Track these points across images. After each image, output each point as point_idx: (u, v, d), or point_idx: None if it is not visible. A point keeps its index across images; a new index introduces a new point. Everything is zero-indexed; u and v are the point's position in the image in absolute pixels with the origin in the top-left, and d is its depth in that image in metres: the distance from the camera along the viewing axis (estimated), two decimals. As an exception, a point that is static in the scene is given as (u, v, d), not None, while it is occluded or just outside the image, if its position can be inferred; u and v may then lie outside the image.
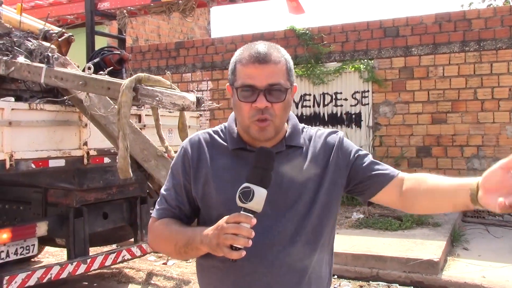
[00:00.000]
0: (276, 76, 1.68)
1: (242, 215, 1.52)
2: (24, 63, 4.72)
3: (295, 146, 1.81)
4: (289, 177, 1.75)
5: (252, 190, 1.52)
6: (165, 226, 1.81)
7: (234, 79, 1.74)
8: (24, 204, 5.34)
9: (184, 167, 1.83)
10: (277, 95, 1.68)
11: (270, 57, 1.68)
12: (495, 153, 8.97)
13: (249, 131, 1.72)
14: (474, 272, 5.97)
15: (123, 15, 7.94)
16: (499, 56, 8.91)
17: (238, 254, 1.51)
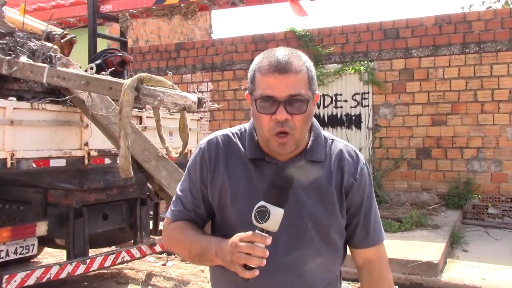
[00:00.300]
0: (297, 87, 1.60)
1: (257, 235, 1.49)
2: (26, 63, 4.72)
3: (315, 161, 1.75)
4: (305, 195, 1.71)
5: (269, 210, 1.48)
6: (180, 230, 1.78)
7: (253, 88, 1.67)
8: (24, 204, 5.34)
9: (201, 170, 1.78)
10: (298, 107, 1.60)
11: (290, 66, 1.60)
12: (495, 155, 8.98)
13: (268, 145, 1.66)
14: (473, 274, 5.97)
15: (125, 18, 7.95)
16: (499, 58, 8.92)
17: (251, 273, 1.49)
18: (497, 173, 8.98)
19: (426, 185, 9.55)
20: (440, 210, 8.94)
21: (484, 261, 6.50)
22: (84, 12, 8.46)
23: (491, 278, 5.81)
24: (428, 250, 6.38)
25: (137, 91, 3.84)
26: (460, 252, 6.98)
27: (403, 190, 9.69)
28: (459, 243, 7.40)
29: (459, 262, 6.48)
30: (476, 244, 7.46)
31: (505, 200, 8.92)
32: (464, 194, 9.06)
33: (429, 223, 7.81)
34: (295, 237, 1.69)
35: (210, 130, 11.41)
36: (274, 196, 1.50)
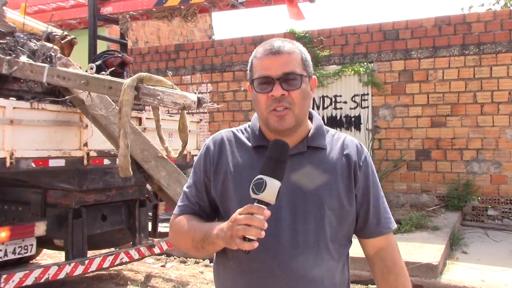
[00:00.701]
0: (291, 65, 1.69)
1: (255, 206, 1.51)
2: (26, 63, 4.71)
3: (317, 147, 1.79)
4: (310, 179, 1.73)
5: (265, 181, 1.51)
6: (184, 222, 1.82)
7: (251, 74, 1.76)
8: (23, 204, 5.32)
9: (205, 164, 1.85)
10: (293, 83, 1.68)
11: (284, 48, 1.70)
12: (495, 156, 8.98)
13: (268, 123, 1.72)
14: (473, 276, 5.95)
15: (125, 20, 7.94)
16: (498, 60, 8.93)
17: (250, 245, 1.50)
18: (497, 175, 8.98)
19: (425, 187, 9.54)
20: (439, 212, 8.93)
21: (484, 263, 6.48)
22: (84, 14, 8.45)
23: (491, 280, 5.80)
24: (428, 251, 6.37)
25: (137, 90, 3.83)
26: (459, 254, 6.97)
27: (402, 192, 9.68)
28: (458, 244, 7.39)
29: (459, 264, 6.46)
30: (476, 245, 7.45)
31: (505, 202, 8.91)
32: (464, 196, 9.05)
33: (428, 224, 7.80)
34: (299, 219, 1.71)
35: (210, 131, 11.40)
36: (270, 168, 1.53)
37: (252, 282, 1.71)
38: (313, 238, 1.70)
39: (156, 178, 4.72)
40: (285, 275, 1.68)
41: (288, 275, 1.68)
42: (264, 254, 1.66)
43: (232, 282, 1.77)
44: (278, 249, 1.67)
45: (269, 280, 1.68)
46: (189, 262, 7.13)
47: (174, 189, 4.70)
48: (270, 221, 1.58)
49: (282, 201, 1.68)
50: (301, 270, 1.68)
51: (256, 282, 1.71)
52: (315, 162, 1.76)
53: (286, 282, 1.68)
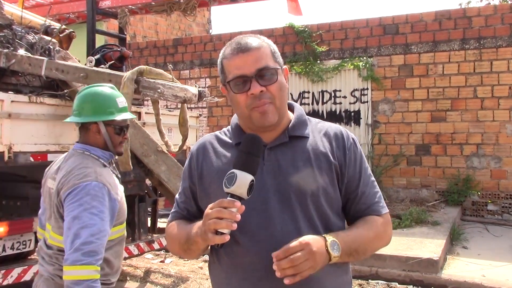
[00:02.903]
0: (263, 60, 1.69)
1: (225, 200, 1.52)
2: (25, 56, 4.67)
3: (299, 136, 1.79)
4: (294, 168, 1.73)
5: (236, 175, 1.52)
6: (173, 227, 1.87)
7: (224, 77, 1.76)
8: (22, 199, 5.27)
9: (190, 170, 1.87)
10: (269, 78, 1.69)
11: (251, 44, 1.70)
12: (495, 151, 8.96)
13: (252, 121, 1.72)
14: (474, 271, 5.94)
15: (124, 14, 7.88)
16: (499, 54, 8.90)
17: (220, 238, 1.51)
18: (497, 170, 8.96)
19: (425, 182, 9.52)
20: (439, 207, 8.92)
21: (484, 258, 6.48)
22: (82, 8, 8.38)
23: (492, 275, 5.79)
24: (428, 247, 6.35)
25: (137, 83, 3.80)
26: (460, 249, 6.96)
27: (402, 187, 9.66)
28: (459, 239, 7.38)
29: (459, 259, 6.45)
30: (476, 240, 7.44)
31: (505, 197, 8.90)
32: (464, 191, 9.04)
33: (428, 219, 7.78)
34: (288, 208, 1.70)
35: (208, 126, 11.37)
36: (241, 162, 1.55)
37: (246, 276, 1.70)
38: (304, 225, 1.69)
39: (156, 173, 4.68)
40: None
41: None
42: (257, 247, 1.66)
43: (227, 279, 1.77)
44: (270, 240, 1.65)
45: (263, 273, 1.66)
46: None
47: (174, 184, 4.66)
48: (259, 213, 1.65)
49: (269, 193, 1.69)
50: None
51: (250, 275, 1.69)
52: (299, 151, 1.76)
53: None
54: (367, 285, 5.90)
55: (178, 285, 5.96)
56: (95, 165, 2.57)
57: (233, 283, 1.74)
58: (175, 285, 5.96)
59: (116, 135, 2.70)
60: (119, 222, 2.63)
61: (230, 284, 1.75)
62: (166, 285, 5.98)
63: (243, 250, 1.67)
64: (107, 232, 2.43)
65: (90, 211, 2.38)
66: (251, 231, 1.63)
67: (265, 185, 1.69)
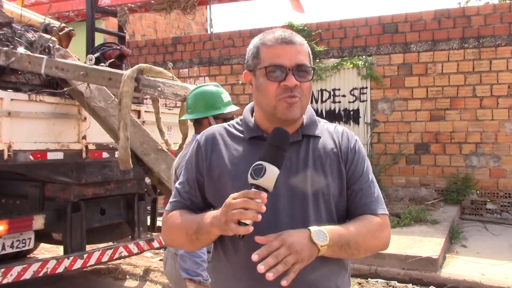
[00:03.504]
0: (303, 57, 1.71)
1: (251, 190, 1.51)
2: (24, 54, 4.66)
3: (312, 135, 1.80)
4: (305, 166, 1.74)
5: (264, 167, 1.51)
6: (176, 217, 1.81)
7: (257, 62, 1.73)
8: (21, 198, 5.28)
9: (197, 159, 1.83)
10: (304, 75, 1.70)
11: (295, 38, 1.72)
12: (494, 150, 8.96)
13: (275, 111, 1.70)
14: (473, 270, 5.95)
15: (124, 12, 7.86)
16: (498, 53, 8.90)
17: (245, 229, 1.49)
18: (496, 169, 8.97)
19: (424, 181, 9.53)
20: (438, 206, 8.93)
21: (484, 256, 6.48)
22: (82, 6, 8.36)
23: (491, 273, 5.80)
24: (428, 245, 6.36)
25: (137, 81, 3.79)
26: (459, 248, 6.97)
27: (401, 186, 9.66)
28: (458, 238, 7.38)
29: (459, 258, 6.46)
30: (475, 239, 7.45)
31: (504, 196, 8.91)
32: (463, 190, 9.05)
33: (427, 218, 7.79)
34: (298, 207, 1.70)
35: (207, 125, 11.35)
36: (271, 155, 1.54)
37: (255, 275, 1.63)
38: (313, 223, 1.68)
39: (156, 171, 4.67)
40: None
41: None
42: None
43: (235, 276, 1.75)
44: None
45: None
46: (188, 256, 7.09)
47: (174, 182, 4.65)
48: (269, 210, 1.59)
49: (280, 190, 1.68)
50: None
51: (259, 274, 1.63)
52: (311, 150, 1.77)
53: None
54: (367, 283, 5.90)
55: (177, 283, 5.96)
56: None
57: (243, 280, 1.72)
58: (175, 283, 5.96)
59: None
60: None
61: (240, 281, 1.73)
62: (166, 283, 5.98)
63: (252, 247, 1.62)
64: None
65: None
66: (260, 228, 1.60)
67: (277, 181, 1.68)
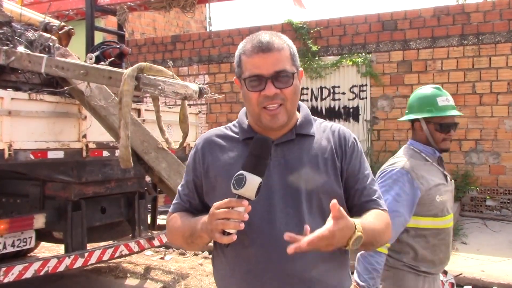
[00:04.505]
0: (282, 63, 1.70)
1: (233, 199, 1.55)
2: (24, 53, 4.65)
3: (306, 134, 1.83)
4: (300, 165, 1.76)
5: (245, 177, 1.54)
6: (176, 219, 1.88)
7: (240, 71, 1.77)
8: (22, 197, 5.27)
9: (194, 163, 1.90)
10: (285, 81, 1.71)
11: (273, 45, 1.71)
12: (493, 147, 8.97)
13: (260, 120, 1.74)
14: (473, 266, 5.96)
15: (123, 11, 7.86)
16: (497, 50, 8.90)
17: (228, 238, 1.53)
18: (495, 165, 8.98)
19: (424, 178, 9.50)
20: (438, 203, 8.91)
21: (483, 253, 6.50)
22: (81, 5, 8.37)
23: (491, 270, 5.81)
24: (428, 242, 6.35)
25: (137, 80, 3.78)
26: (459, 244, 6.98)
27: (401, 183, 9.63)
28: (458, 235, 7.39)
29: (459, 254, 6.47)
30: (475, 236, 7.46)
31: (503, 192, 8.92)
32: (462, 187, 9.05)
33: (428, 215, 7.78)
34: (292, 203, 1.73)
35: (207, 123, 11.36)
36: (251, 164, 1.56)
37: (250, 268, 1.73)
38: (307, 220, 1.70)
39: (157, 170, 4.68)
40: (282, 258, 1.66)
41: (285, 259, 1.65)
42: (260, 240, 1.69)
43: (231, 270, 1.80)
44: (273, 233, 1.68)
45: (267, 265, 1.69)
46: (188, 254, 7.11)
47: (174, 181, 4.65)
48: (263, 207, 1.68)
49: (274, 188, 1.72)
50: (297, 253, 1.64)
51: (254, 267, 1.72)
52: (305, 149, 1.79)
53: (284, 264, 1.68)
54: (367, 281, 5.91)
55: (178, 281, 5.97)
56: (412, 157, 2.84)
57: (237, 275, 1.77)
58: (175, 281, 5.97)
59: (436, 132, 2.87)
60: (430, 214, 2.77)
61: (234, 276, 1.78)
62: (166, 281, 5.99)
63: (247, 243, 1.69)
64: (400, 213, 2.63)
65: (388, 193, 2.67)
66: (255, 224, 1.65)
67: (270, 180, 1.71)
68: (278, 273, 1.69)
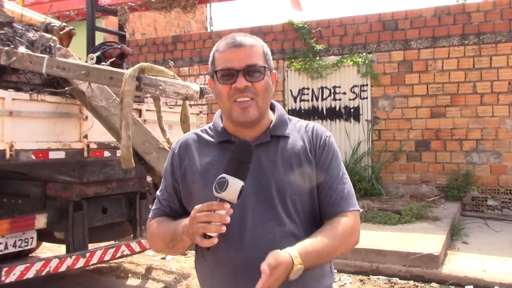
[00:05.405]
0: (254, 58, 1.73)
1: (215, 203, 1.56)
2: (25, 53, 4.65)
3: (280, 136, 1.83)
4: (274, 167, 1.77)
5: (227, 181, 1.54)
6: (156, 224, 1.89)
7: (213, 68, 1.79)
8: (23, 197, 5.27)
9: (172, 168, 1.91)
10: (256, 75, 1.72)
11: (245, 41, 1.75)
12: (494, 147, 8.97)
13: (231, 115, 1.74)
14: (474, 266, 5.95)
15: (124, 11, 7.86)
16: (498, 50, 8.91)
17: (209, 242, 1.55)
18: (496, 165, 8.98)
19: (425, 177, 9.54)
20: (439, 202, 8.94)
21: (485, 253, 6.49)
22: (82, 5, 8.37)
23: (492, 270, 5.80)
24: (429, 242, 6.36)
25: (138, 80, 3.79)
26: (460, 244, 6.97)
27: (402, 183, 9.67)
28: (459, 235, 7.39)
29: (460, 254, 6.46)
30: (476, 236, 7.45)
31: (504, 192, 8.92)
32: (463, 186, 9.06)
33: (429, 215, 7.80)
34: (266, 206, 1.73)
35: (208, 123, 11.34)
36: (233, 168, 1.57)
37: (228, 271, 1.74)
38: (283, 222, 1.73)
39: (158, 170, 4.68)
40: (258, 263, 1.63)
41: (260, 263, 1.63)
42: (237, 244, 1.70)
43: (210, 273, 1.81)
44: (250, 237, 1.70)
45: (244, 268, 1.69)
46: (190, 254, 7.11)
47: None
48: (239, 211, 1.68)
49: (249, 190, 1.72)
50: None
51: (231, 271, 1.73)
52: (280, 150, 1.80)
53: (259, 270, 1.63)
54: (368, 280, 5.91)
55: (179, 281, 5.97)
56: None
57: (216, 277, 1.78)
58: (177, 281, 5.97)
59: None
60: None
61: (214, 278, 1.79)
62: (168, 281, 5.99)
63: (224, 246, 1.70)
64: None
65: None
66: (231, 228, 1.63)
67: (246, 182, 1.67)
68: (254, 278, 1.63)
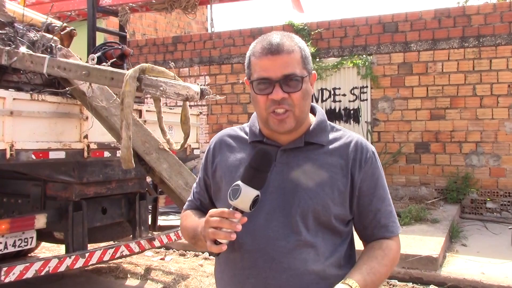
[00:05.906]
0: (291, 66, 1.63)
1: (226, 210, 1.53)
2: (26, 53, 4.66)
3: (315, 143, 1.74)
4: (302, 174, 1.69)
5: (240, 189, 1.51)
6: (186, 217, 1.92)
7: (250, 73, 1.72)
8: (23, 197, 5.28)
9: (206, 162, 1.90)
10: (294, 85, 1.63)
11: (283, 47, 1.63)
12: (494, 149, 8.98)
13: (268, 124, 1.68)
14: (473, 268, 5.96)
15: (125, 12, 7.86)
16: (498, 52, 8.92)
17: (217, 248, 1.53)
18: (496, 168, 8.99)
19: (424, 180, 9.54)
20: (438, 205, 8.94)
21: (484, 255, 6.49)
22: (83, 6, 8.37)
23: (491, 272, 5.81)
24: (428, 244, 6.37)
25: (139, 81, 3.79)
26: (459, 247, 6.98)
27: (401, 185, 9.67)
28: (458, 237, 7.40)
29: (459, 257, 6.47)
30: (475, 238, 7.46)
31: (503, 195, 8.93)
32: (463, 189, 9.06)
33: (428, 217, 7.80)
34: (287, 214, 1.66)
35: (208, 124, 11.36)
36: (248, 177, 1.53)
37: (236, 272, 1.71)
38: (300, 230, 1.65)
39: (158, 171, 4.69)
40: (268, 266, 1.64)
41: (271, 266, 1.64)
42: (249, 245, 1.66)
43: (220, 273, 1.81)
44: (264, 240, 1.66)
45: (252, 270, 1.66)
46: (189, 255, 7.12)
47: (175, 181, 4.67)
48: (256, 212, 1.60)
49: (273, 193, 1.68)
50: (284, 263, 1.64)
51: (239, 272, 1.70)
52: (311, 158, 1.71)
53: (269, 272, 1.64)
54: (367, 282, 5.91)
55: (178, 282, 5.97)
56: None
57: (225, 277, 1.77)
58: (176, 282, 5.97)
59: None
60: None
61: (222, 278, 1.78)
62: (167, 282, 5.99)
63: (236, 246, 1.66)
64: None
65: None
66: (247, 229, 1.60)
67: (269, 185, 1.66)
68: (260, 281, 1.64)
